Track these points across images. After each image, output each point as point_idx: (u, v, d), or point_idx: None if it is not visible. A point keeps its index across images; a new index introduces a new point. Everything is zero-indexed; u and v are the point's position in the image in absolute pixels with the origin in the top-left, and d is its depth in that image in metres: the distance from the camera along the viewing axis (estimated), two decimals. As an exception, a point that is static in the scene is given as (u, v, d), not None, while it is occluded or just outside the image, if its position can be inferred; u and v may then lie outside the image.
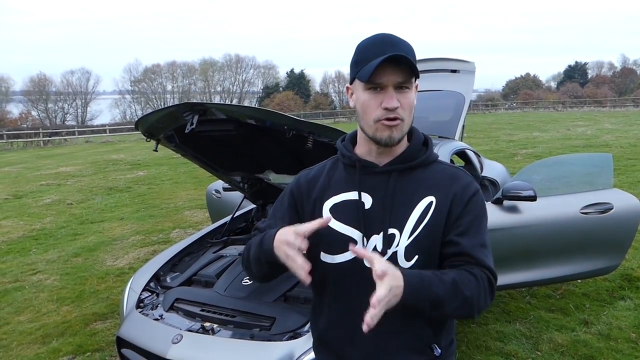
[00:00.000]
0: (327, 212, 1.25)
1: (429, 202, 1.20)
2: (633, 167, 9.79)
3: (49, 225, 7.38)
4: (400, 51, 1.13)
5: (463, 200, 1.21)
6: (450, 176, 1.24)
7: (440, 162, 1.29)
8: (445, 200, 1.20)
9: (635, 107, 37.64)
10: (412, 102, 1.18)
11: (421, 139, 1.29)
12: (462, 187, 1.22)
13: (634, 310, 3.59)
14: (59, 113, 48.54)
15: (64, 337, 3.63)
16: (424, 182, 1.23)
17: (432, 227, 1.18)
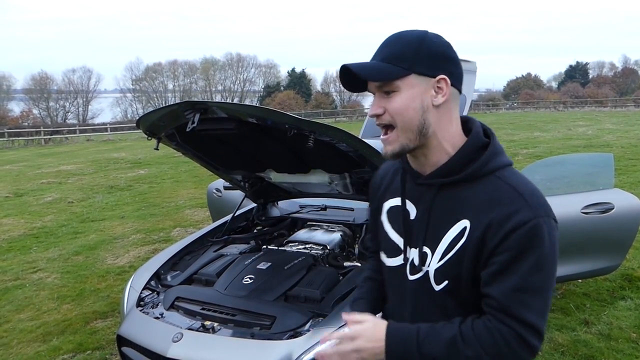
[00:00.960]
0: (385, 213, 1.21)
1: (462, 228, 1.03)
2: (634, 167, 9.78)
3: (49, 223, 7.39)
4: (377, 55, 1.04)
5: (500, 233, 0.98)
6: (496, 199, 1.00)
7: (499, 177, 1.03)
8: (479, 227, 1.00)
9: (636, 107, 37.60)
10: (400, 105, 1.03)
11: (477, 143, 1.06)
12: (503, 215, 0.98)
13: (634, 310, 3.58)
14: (60, 111, 48.54)
15: (64, 336, 3.64)
16: (466, 201, 1.04)
17: (463, 256, 1.03)
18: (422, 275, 1.10)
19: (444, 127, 1.06)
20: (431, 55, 1.03)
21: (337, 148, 2.32)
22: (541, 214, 0.98)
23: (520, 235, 0.97)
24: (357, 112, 39.78)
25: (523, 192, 1.00)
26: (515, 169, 1.07)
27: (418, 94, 1.02)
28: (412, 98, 1.02)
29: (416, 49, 1.02)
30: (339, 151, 2.36)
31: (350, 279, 2.53)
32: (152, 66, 57.76)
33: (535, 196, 1.00)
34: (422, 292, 1.11)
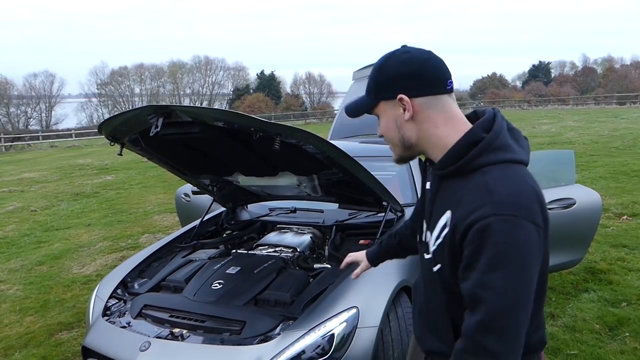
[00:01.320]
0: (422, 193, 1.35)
1: (447, 218, 1.09)
2: (595, 163, 10.12)
3: (11, 233, 7.13)
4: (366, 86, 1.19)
5: (461, 228, 1.02)
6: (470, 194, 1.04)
7: (486, 173, 1.05)
8: (454, 218, 1.06)
9: (596, 105, 38.93)
10: (382, 129, 1.20)
11: (471, 139, 1.09)
12: (467, 210, 1.02)
13: (597, 302, 3.70)
14: (21, 117, 46.86)
15: (27, 349, 3.51)
16: (454, 193, 1.10)
17: (444, 244, 1.09)
18: (431, 255, 1.18)
19: (431, 132, 1.13)
20: (388, 80, 1.13)
21: (304, 150, 2.32)
22: (503, 213, 0.97)
23: (474, 232, 0.99)
24: (327, 113, 39.90)
25: (494, 190, 1.01)
26: (511, 166, 1.06)
27: (391, 116, 1.16)
28: (388, 120, 1.17)
29: (376, 78, 1.16)
30: (306, 153, 2.35)
31: (320, 280, 2.53)
32: (117, 70, 56.53)
33: (508, 195, 1.00)
34: (429, 270, 1.20)
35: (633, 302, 3.66)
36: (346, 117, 4.73)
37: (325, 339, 2.05)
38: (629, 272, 4.24)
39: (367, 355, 2.11)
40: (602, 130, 17.46)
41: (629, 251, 4.77)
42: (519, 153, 1.09)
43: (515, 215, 0.97)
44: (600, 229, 5.13)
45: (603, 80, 52.69)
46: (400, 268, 2.53)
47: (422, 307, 1.29)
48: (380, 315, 2.20)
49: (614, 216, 6.04)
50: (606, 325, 3.34)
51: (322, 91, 57.51)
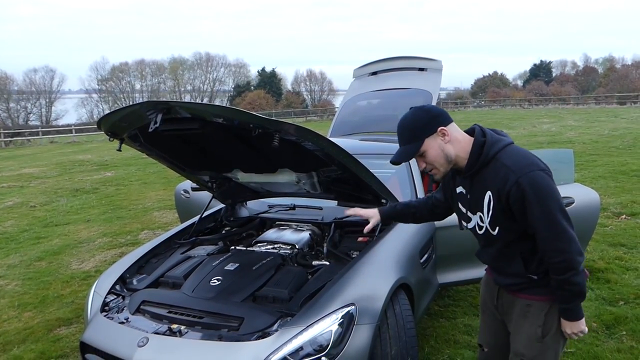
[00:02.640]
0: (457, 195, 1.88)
1: (489, 196, 1.69)
2: (594, 163, 10.12)
3: (10, 228, 7.14)
4: (401, 142, 1.74)
5: (503, 195, 1.63)
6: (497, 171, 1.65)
7: (498, 159, 1.67)
8: (495, 194, 1.66)
9: (596, 105, 38.87)
10: (434, 156, 1.70)
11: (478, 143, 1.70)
12: (501, 183, 1.63)
13: (594, 300, 3.71)
14: (21, 113, 46.78)
15: (25, 344, 3.52)
16: (485, 180, 1.69)
17: (496, 212, 1.69)
18: (485, 229, 1.77)
19: (459, 147, 1.72)
20: (425, 124, 1.69)
21: (303, 147, 2.32)
22: (522, 172, 1.60)
23: (515, 193, 1.60)
24: (328, 111, 39.87)
25: (509, 164, 1.63)
26: (512, 147, 1.70)
27: (435, 146, 1.69)
28: (434, 150, 1.70)
29: (418, 123, 1.70)
30: (306, 150, 2.35)
31: (318, 277, 2.53)
32: (118, 66, 56.49)
33: (518, 162, 1.63)
34: (490, 239, 1.78)
35: (630, 301, 3.67)
36: (347, 114, 4.70)
37: (323, 335, 2.05)
38: (627, 271, 4.24)
39: (365, 351, 2.12)
40: (602, 129, 17.44)
41: (627, 250, 4.78)
42: (506, 138, 1.74)
43: (531, 170, 1.60)
44: (598, 228, 5.13)
45: (604, 80, 52.61)
46: (398, 266, 2.53)
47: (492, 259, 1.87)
48: (378, 312, 2.20)
49: (613, 215, 6.05)
50: (603, 323, 3.34)
51: (323, 89, 57.51)
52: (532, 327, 1.78)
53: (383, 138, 4.44)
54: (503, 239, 1.74)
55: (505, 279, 1.84)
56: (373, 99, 5.20)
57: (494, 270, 1.90)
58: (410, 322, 2.39)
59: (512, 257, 1.76)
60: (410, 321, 2.40)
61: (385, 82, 5.11)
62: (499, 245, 1.78)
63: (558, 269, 1.62)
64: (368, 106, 5.21)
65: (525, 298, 1.80)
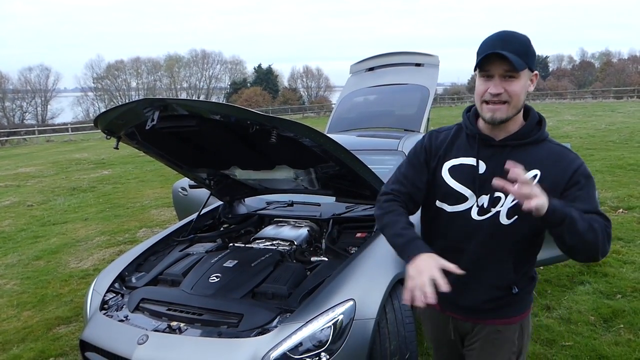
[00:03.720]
0: (446, 170, 1.54)
1: (534, 174, 1.43)
2: (591, 157, 10.15)
3: (7, 228, 7.12)
4: (508, 48, 1.36)
5: (567, 174, 1.42)
6: (557, 154, 1.46)
7: (550, 141, 1.49)
8: (548, 175, 1.42)
9: (593, 99, 38.94)
10: (519, 89, 1.39)
11: (536, 119, 1.50)
12: (567, 163, 1.44)
13: (592, 294, 3.72)
14: (17, 112, 46.61)
15: (24, 343, 3.52)
16: (533, 157, 1.45)
17: None
18: (491, 215, 1.48)
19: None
20: (533, 55, 1.42)
21: (300, 143, 2.32)
22: (582, 160, 1.46)
23: (581, 174, 1.42)
24: (325, 107, 39.82)
25: (570, 148, 1.49)
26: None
27: (525, 83, 1.42)
28: (524, 85, 1.41)
29: (529, 48, 1.41)
30: (303, 146, 2.35)
31: (317, 273, 2.54)
32: (114, 64, 56.18)
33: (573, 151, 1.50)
34: (489, 228, 1.48)
35: (628, 294, 3.68)
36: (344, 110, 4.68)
37: (322, 331, 2.06)
38: (624, 264, 4.26)
39: (364, 347, 2.13)
40: (599, 124, 17.48)
41: (624, 244, 4.80)
42: None
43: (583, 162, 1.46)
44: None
45: (600, 74, 52.70)
46: (396, 261, 2.54)
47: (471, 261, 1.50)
48: (377, 307, 2.21)
49: (610, 209, 6.07)
50: (601, 317, 3.36)
51: (320, 85, 57.35)
52: (506, 356, 1.58)
53: (380, 134, 4.45)
54: (512, 232, 1.47)
55: (476, 296, 1.55)
56: (370, 95, 5.20)
57: (458, 287, 1.43)
58: (409, 317, 2.40)
59: (504, 259, 1.50)
60: (409, 316, 2.41)
61: (382, 77, 5.11)
62: (497, 241, 1.49)
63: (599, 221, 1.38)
64: (365, 102, 5.21)
65: (494, 323, 1.57)
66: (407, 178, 1.60)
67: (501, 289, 1.53)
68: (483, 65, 1.39)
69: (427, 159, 1.58)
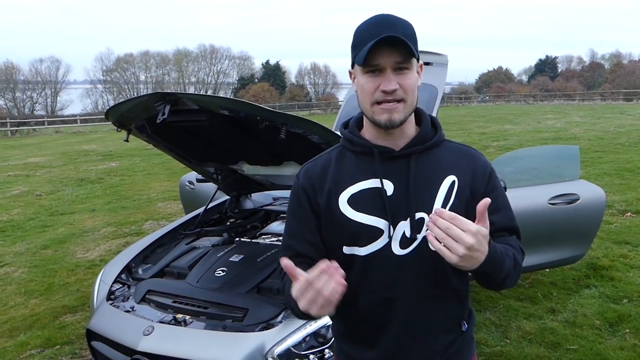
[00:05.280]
0: (345, 203, 1.19)
1: (451, 182, 1.19)
2: (599, 159, 10.08)
3: (16, 217, 7.19)
4: (396, 32, 1.08)
5: (485, 178, 1.22)
6: (466, 154, 1.25)
7: (450, 141, 1.27)
8: (465, 178, 1.20)
9: (602, 101, 38.65)
10: (414, 83, 1.14)
11: (429, 120, 1.27)
12: (481, 165, 1.24)
13: (598, 298, 3.71)
14: (27, 102, 46.94)
15: (32, 331, 3.56)
16: (442, 161, 1.21)
17: (458, 206, 1.17)
18: (418, 243, 1.17)
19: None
20: (417, 41, 1.15)
21: (309, 140, 2.32)
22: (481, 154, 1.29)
23: (496, 177, 1.25)
24: (332, 104, 39.78)
25: (474, 149, 1.29)
26: None
27: (416, 74, 1.15)
28: (416, 77, 1.15)
29: (414, 33, 1.15)
30: (311, 143, 2.36)
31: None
32: (123, 57, 56.43)
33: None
34: (418, 262, 1.17)
35: (634, 299, 3.67)
36: (351, 108, 4.70)
37: (326, 327, 2.07)
38: (631, 269, 4.24)
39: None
40: (607, 126, 17.35)
41: (631, 248, 4.77)
42: None
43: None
44: (603, 226, 5.12)
45: (610, 76, 52.25)
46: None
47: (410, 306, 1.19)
48: (382, 305, 2.21)
49: (618, 213, 6.03)
50: (607, 321, 3.35)
51: (327, 82, 57.32)
52: None
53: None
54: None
55: (427, 351, 1.22)
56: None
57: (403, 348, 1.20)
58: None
59: (447, 293, 1.21)
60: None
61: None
62: (432, 273, 1.17)
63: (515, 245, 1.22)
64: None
65: None
66: (295, 236, 1.26)
67: (452, 331, 1.24)
68: (368, 58, 1.09)
69: (310, 199, 1.24)
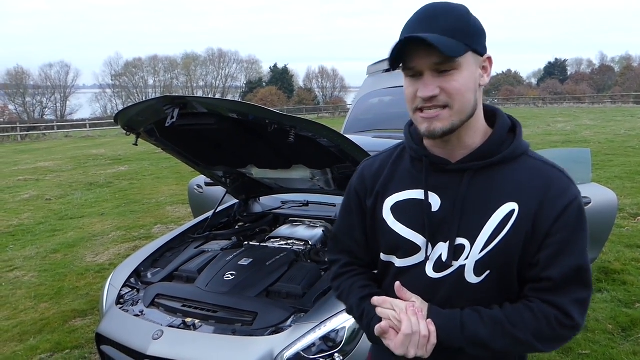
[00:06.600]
0: (388, 210, 1.10)
1: (510, 210, 0.98)
2: (610, 163, 9.98)
3: (26, 221, 7.24)
4: (434, 28, 0.93)
5: (554, 212, 0.96)
6: (542, 177, 0.99)
7: (531, 157, 1.03)
8: (531, 208, 0.97)
9: (612, 104, 38.32)
10: (462, 85, 0.95)
11: (506, 125, 1.05)
12: (556, 194, 0.96)
13: (610, 302, 3.66)
14: (37, 107, 47.38)
15: (42, 335, 3.57)
16: (507, 183, 1.00)
17: (512, 240, 0.98)
18: (454, 270, 1.02)
19: (479, 108, 1.03)
20: (480, 32, 0.97)
21: (318, 143, 2.32)
22: (579, 192, 0.99)
23: (572, 213, 0.97)
24: (340, 108, 39.77)
25: (563, 170, 1.00)
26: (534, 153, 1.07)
27: (472, 73, 0.97)
28: (470, 77, 0.97)
29: (469, 23, 0.96)
30: (321, 147, 2.35)
31: (332, 274, 2.53)
32: (132, 61, 56.82)
33: (567, 175, 1.02)
34: (450, 290, 1.04)
35: (647, 303, 3.62)
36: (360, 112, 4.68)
37: (336, 332, 2.06)
38: (644, 273, 4.19)
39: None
40: (618, 129, 17.19)
41: (643, 252, 4.71)
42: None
43: (578, 192, 0.99)
44: (614, 229, 5.06)
45: (620, 79, 51.82)
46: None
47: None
48: (392, 309, 2.20)
49: (629, 216, 5.96)
50: (619, 325, 3.30)
51: (335, 85, 57.30)
52: None
53: (396, 136, 4.42)
54: (483, 293, 1.02)
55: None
56: (385, 97, 5.19)
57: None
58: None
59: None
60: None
61: (399, 79, 5.06)
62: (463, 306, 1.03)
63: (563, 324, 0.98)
64: (381, 104, 5.20)
65: None
66: (344, 232, 1.22)
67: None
68: (404, 60, 0.96)
69: (360, 200, 1.17)
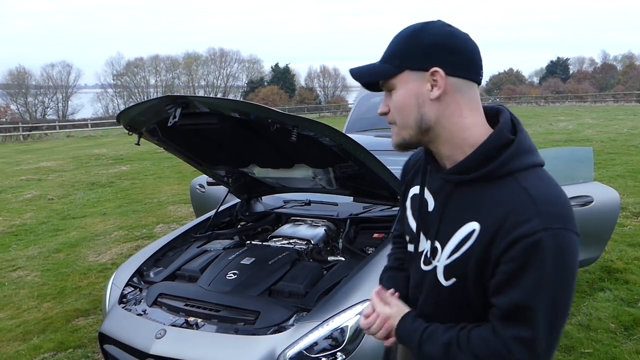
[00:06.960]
0: (409, 199, 1.21)
1: (471, 230, 0.98)
2: (613, 161, 9.97)
3: (29, 220, 7.26)
4: (385, 52, 1.04)
5: (504, 243, 0.92)
6: (508, 205, 0.94)
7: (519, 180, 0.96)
8: (488, 233, 0.95)
9: (615, 103, 38.24)
10: (396, 102, 1.02)
11: (500, 140, 0.99)
12: (511, 224, 0.92)
13: (612, 301, 3.66)
14: (39, 107, 47.46)
15: (45, 334, 3.58)
16: (481, 202, 0.98)
17: (469, 258, 0.99)
18: (432, 268, 1.08)
19: (453, 120, 1.00)
20: (424, 49, 0.99)
21: (320, 143, 2.32)
22: (553, 226, 0.90)
23: (522, 248, 0.90)
24: (341, 107, 39.78)
25: (537, 199, 0.92)
26: (540, 170, 0.99)
27: (412, 90, 1.00)
28: (407, 95, 1.01)
29: (409, 44, 1.01)
30: (323, 146, 2.35)
31: (334, 273, 2.53)
32: (133, 61, 56.88)
33: (554, 204, 0.93)
34: (432, 284, 1.09)
35: (650, 302, 3.61)
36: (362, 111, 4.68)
37: (338, 331, 2.06)
38: (646, 271, 4.18)
39: (380, 348, 2.11)
40: (620, 128, 17.17)
41: (646, 251, 4.70)
42: (537, 155, 1.02)
43: (565, 228, 0.91)
44: (617, 228, 5.06)
45: (623, 78, 51.75)
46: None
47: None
48: (394, 308, 2.20)
49: (632, 215, 5.96)
50: (622, 324, 3.30)
51: (337, 85, 57.28)
52: None
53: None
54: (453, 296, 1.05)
55: None
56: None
57: None
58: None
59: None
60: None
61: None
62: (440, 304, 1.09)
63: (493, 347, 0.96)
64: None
65: None
66: (400, 219, 1.32)
67: None
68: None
69: (401, 182, 1.30)
